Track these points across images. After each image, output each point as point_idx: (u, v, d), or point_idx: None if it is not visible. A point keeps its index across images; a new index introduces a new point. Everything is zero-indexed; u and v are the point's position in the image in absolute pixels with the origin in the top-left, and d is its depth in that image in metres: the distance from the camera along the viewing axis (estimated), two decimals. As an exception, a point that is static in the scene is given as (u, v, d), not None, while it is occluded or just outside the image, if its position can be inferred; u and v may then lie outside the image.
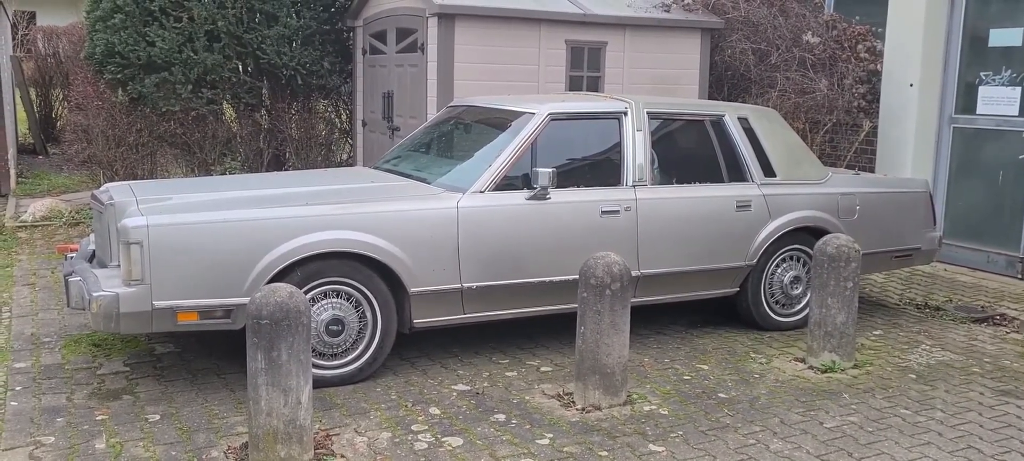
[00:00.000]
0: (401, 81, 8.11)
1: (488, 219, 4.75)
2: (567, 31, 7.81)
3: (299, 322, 3.54)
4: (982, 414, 4.39)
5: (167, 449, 3.80)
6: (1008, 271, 7.25)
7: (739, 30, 8.58)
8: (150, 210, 4.31)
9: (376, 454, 3.79)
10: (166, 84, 8.62)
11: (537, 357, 5.08)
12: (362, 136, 9.15)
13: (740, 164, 5.54)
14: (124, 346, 5.09)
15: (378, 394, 4.47)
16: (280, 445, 3.58)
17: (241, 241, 4.27)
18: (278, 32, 8.82)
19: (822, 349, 4.95)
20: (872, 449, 3.95)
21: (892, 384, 4.78)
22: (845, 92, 8.02)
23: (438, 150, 5.71)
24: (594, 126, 5.26)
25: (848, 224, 5.71)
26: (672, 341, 5.44)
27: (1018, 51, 7.16)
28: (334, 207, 4.50)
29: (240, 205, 4.46)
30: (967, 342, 5.58)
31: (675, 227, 5.21)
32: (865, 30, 8.16)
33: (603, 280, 4.19)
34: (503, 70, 7.60)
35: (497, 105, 5.51)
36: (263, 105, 9.52)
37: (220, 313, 4.28)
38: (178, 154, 9.50)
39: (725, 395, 4.56)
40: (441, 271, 4.65)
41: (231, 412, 4.20)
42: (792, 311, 5.72)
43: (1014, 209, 7.23)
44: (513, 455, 3.81)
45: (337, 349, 4.52)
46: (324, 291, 4.46)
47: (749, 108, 5.82)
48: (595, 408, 4.29)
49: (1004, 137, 7.28)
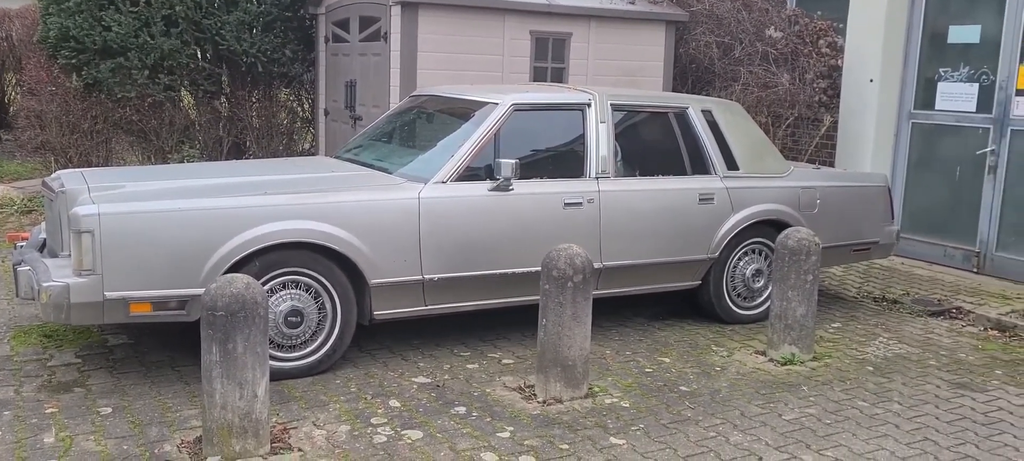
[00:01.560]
0: (364, 70, 8.02)
1: (450, 210, 4.70)
2: (532, 21, 7.77)
3: (256, 314, 3.47)
4: (938, 406, 4.44)
5: (119, 443, 3.70)
6: (964, 265, 7.36)
7: (703, 23, 8.60)
8: (102, 198, 4.20)
9: (335, 447, 3.73)
10: (122, 70, 8.43)
11: (499, 349, 5.05)
12: (324, 125, 9.04)
13: (703, 157, 5.54)
14: (76, 338, 4.97)
15: (337, 386, 4.40)
16: (235, 439, 3.51)
17: (197, 230, 4.18)
18: (238, 18, 8.67)
19: (782, 342, 4.97)
20: (830, 441, 3.98)
21: (850, 376, 4.82)
22: (806, 86, 8.08)
23: (400, 140, 5.65)
24: (557, 117, 5.23)
25: (809, 218, 5.75)
26: (634, 334, 5.44)
27: (977, 48, 7.26)
28: (293, 197, 4.43)
29: (196, 194, 4.36)
30: (923, 335, 5.66)
31: (638, 219, 5.21)
32: (826, 25, 8.23)
33: (565, 272, 4.16)
34: (467, 60, 7.55)
35: (460, 95, 5.45)
36: (223, 92, 9.36)
37: (174, 304, 4.19)
38: (134, 142, 9.31)
39: (686, 388, 4.57)
40: (402, 262, 4.59)
41: (185, 405, 4.11)
42: (753, 304, 5.75)
43: (970, 204, 7.34)
44: (473, 448, 3.78)
45: (296, 341, 4.45)
46: (283, 282, 4.39)
47: (713, 101, 5.83)
48: (556, 401, 4.27)
49: (962, 133, 7.38)
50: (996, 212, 7.14)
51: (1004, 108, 7.05)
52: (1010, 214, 7.06)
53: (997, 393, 4.65)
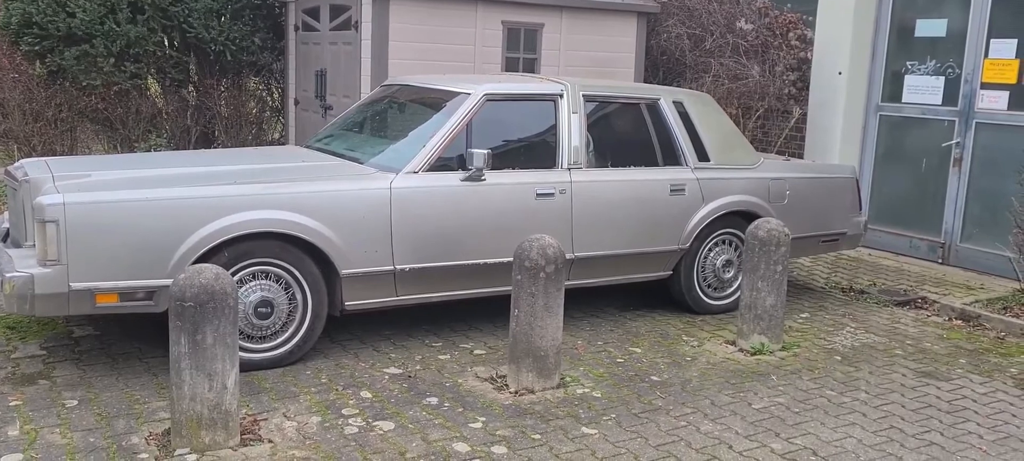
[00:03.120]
0: (335, 59, 7.96)
1: (422, 200, 4.68)
2: (504, 12, 7.75)
3: (225, 304, 3.43)
4: (904, 394, 4.51)
5: (85, 435, 3.65)
6: (930, 256, 7.47)
7: (675, 15, 8.64)
8: (67, 187, 4.13)
9: (305, 439, 3.71)
10: (87, 57, 8.30)
11: (471, 340, 5.04)
12: (294, 115, 8.97)
13: (675, 148, 5.57)
14: (41, 329, 4.88)
15: (308, 378, 4.37)
16: (204, 431, 3.47)
17: (164, 220, 4.12)
18: (206, 5, 8.56)
19: (752, 332, 5.02)
20: (799, 429, 4.03)
21: (818, 366, 4.88)
22: (776, 79, 8.14)
23: (372, 129, 5.61)
24: (530, 108, 5.22)
25: (778, 209, 5.80)
26: (605, 324, 5.46)
27: (943, 41, 7.35)
28: (263, 186, 4.38)
29: (164, 183, 4.30)
30: (890, 325, 5.74)
31: (610, 210, 5.22)
32: (796, 18, 8.29)
33: (537, 263, 4.16)
34: (439, 50, 7.51)
35: (432, 85, 5.43)
36: (190, 81, 9.25)
37: (142, 295, 4.13)
38: (100, 130, 9.17)
39: (657, 378, 4.59)
40: (373, 253, 4.57)
41: (153, 397, 4.06)
42: (724, 294, 5.79)
43: (936, 196, 7.45)
44: (445, 439, 3.77)
45: (266, 332, 4.41)
46: (253, 272, 4.34)
47: (684, 92, 5.85)
48: (528, 391, 4.28)
49: (928, 125, 7.49)
50: (961, 204, 7.25)
51: (969, 101, 7.15)
52: (974, 206, 7.18)
53: (961, 381, 4.73)
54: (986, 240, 7.06)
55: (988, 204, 7.06)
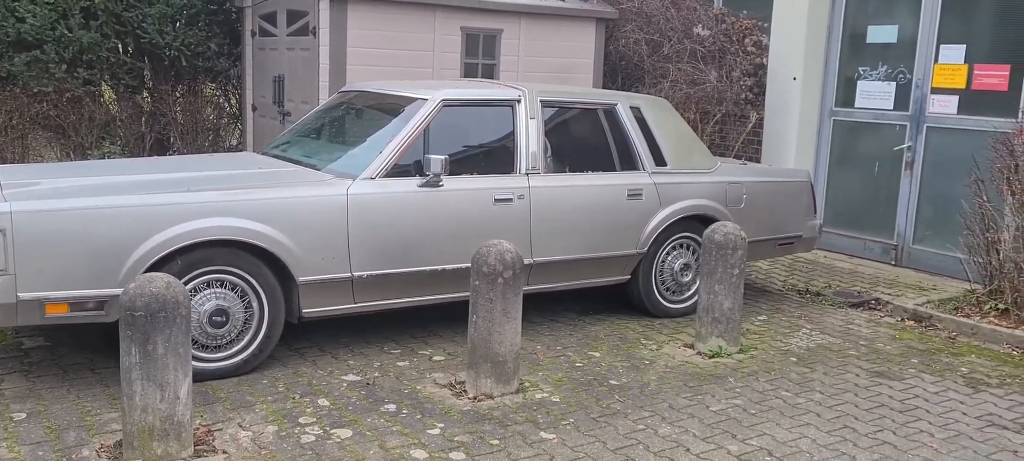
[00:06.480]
0: (292, 65, 7.89)
1: (379, 206, 4.66)
2: (462, 17, 7.75)
3: (177, 313, 3.38)
4: (857, 395, 4.57)
5: (33, 449, 3.57)
6: (883, 258, 7.60)
7: (633, 21, 8.70)
8: (15, 195, 4.04)
9: (261, 448, 3.66)
10: (38, 63, 8.14)
11: (429, 346, 5.02)
12: (252, 121, 8.88)
13: (632, 153, 5.60)
14: (-12, 341, 4.78)
15: (264, 386, 4.32)
16: (157, 442, 3.41)
17: (115, 228, 4.05)
18: (160, 10, 8.44)
19: (710, 335, 5.06)
20: (755, 430, 4.07)
21: (774, 367, 4.93)
22: (733, 84, 8.24)
23: (329, 136, 5.57)
24: (488, 113, 5.22)
25: (735, 213, 5.86)
26: (564, 328, 5.48)
27: (894, 47, 7.49)
28: (218, 193, 4.32)
29: (115, 191, 4.23)
30: (844, 326, 5.82)
31: (568, 215, 5.23)
32: (752, 24, 8.40)
33: (495, 268, 4.16)
34: (397, 56, 7.49)
35: (389, 90, 5.41)
36: (145, 87, 9.11)
37: (92, 305, 4.05)
38: (52, 137, 8.99)
39: (616, 382, 4.61)
40: (330, 259, 4.53)
41: (105, 409, 3.98)
42: (682, 298, 5.84)
43: (889, 198, 7.58)
44: (403, 446, 3.75)
45: (221, 341, 4.35)
46: (207, 280, 4.28)
47: (641, 98, 5.90)
48: (487, 397, 4.27)
49: (880, 130, 7.62)
50: (913, 206, 7.39)
51: (920, 106, 7.30)
52: (926, 208, 7.32)
53: (913, 381, 4.81)
54: (937, 242, 7.20)
55: (939, 207, 7.20)
